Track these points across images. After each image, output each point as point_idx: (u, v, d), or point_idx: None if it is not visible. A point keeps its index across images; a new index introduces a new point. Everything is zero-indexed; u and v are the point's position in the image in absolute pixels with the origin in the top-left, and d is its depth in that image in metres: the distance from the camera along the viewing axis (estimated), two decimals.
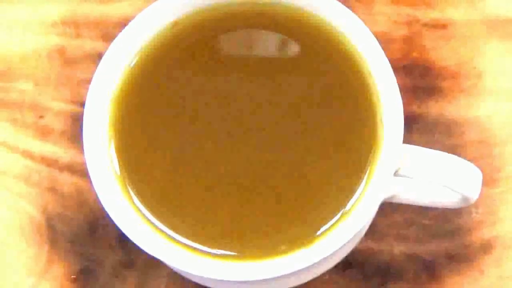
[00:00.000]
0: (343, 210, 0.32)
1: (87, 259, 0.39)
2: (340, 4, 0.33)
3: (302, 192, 0.32)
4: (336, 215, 0.32)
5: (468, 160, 0.34)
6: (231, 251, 0.32)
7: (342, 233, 0.31)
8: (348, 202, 0.32)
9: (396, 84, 0.32)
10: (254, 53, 0.34)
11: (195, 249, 0.32)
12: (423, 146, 0.33)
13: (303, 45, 0.34)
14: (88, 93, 0.33)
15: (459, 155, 0.39)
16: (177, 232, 0.32)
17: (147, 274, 0.39)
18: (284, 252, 0.31)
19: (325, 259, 0.30)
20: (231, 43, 0.34)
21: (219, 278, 0.31)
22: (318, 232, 0.32)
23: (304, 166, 0.32)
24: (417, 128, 0.40)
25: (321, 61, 0.34)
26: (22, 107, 0.41)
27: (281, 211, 0.32)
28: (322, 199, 0.32)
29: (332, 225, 0.32)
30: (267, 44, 0.34)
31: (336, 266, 0.38)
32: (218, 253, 0.32)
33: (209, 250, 0.32)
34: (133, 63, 0.34)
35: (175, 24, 0.34)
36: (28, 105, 0.41)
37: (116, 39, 0.33)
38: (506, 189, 0.39)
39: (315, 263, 0.30)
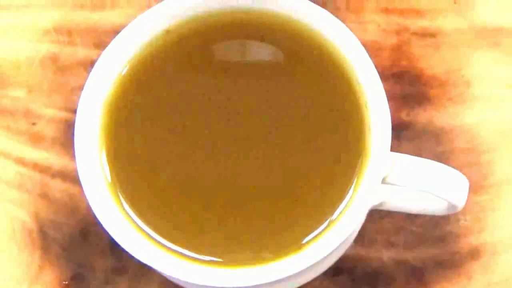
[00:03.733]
0: (330, 218, 0.32)
1: (78, 265, 0.39)
2: (328, 12, 0.33)
3: (289, 201, 0.32)
4: (323, 224, 0.32)
5: (456, 168, 0.34)
6: (217, 257, 0.32)
7: (328, 242, 0.31)
8: (335, 210, 0.32)
9: (384, 92, 0.32)
10: (245, 62, 0.35)
11: (183, 255, 0.32)
12: (411, 153, 0.34)
13: (293, 54, 0.34)
14: (80, 101, 0.33)
15: (447, 162, 0.40)
16: (166, 238, 0.32)
17: (138, 280, 0.39)
18: (270, 259, 0.31)
19: (312, 266, 0.30)
20: (223, 52, 0.35)
21: (204, 284, 0.31)
22: (304, 241, 0.32)
23: (292, 174, 0.33)
24: (405, 136, 0.41)
25: (310, 69, 0.34)
26: (14, 114, 0.42)
27: (268, 219, 0.32)
28: (309, 207, 0.32)
29: (319, 233, 0.32)
30: (258, 52, 0.34)
31: (325, 272, 0.38)
32: (206, 259, 0.32)
33: (196, 256, 0.32)
34: (125, 71, 0.34)
35: (168, 32, 0.34)
36: (20, 112, 0.42)
37: (108, 46, 0.33)
38: (493, 196, 0.40)
39: (301, 271, 0.30)
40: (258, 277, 0.31)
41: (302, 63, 0.34)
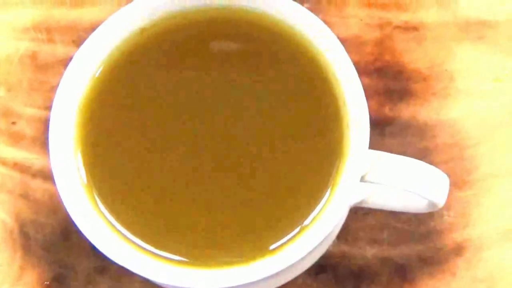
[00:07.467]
0: (303, 221, 0.32)
1: (60, 266, 0.39)
2: (304, 8, 0.33)
3: (262, 202, 0.32)
4: (295, 228, 0.32)
5: (440, 163, 0.34)
6: (186, 257, 0.32)
7: (301, 246, 0.30)
8: (311, 211, 0.32)
9: (362, 88, 0.32)
10: (220, 60, 0.34)
11: (154, 254, 0.32)
12: (395, 148, 0.33)
13: (269, 51, 0.34)
14: (54, 101, 0.32)
15: (431, 157, 0.39)
16: (140, 238, 0.32)
17: (120, 280, 0.39)
18: (237, 263, 0.31)
19: (287, 268, 0.30)
20: (198, 50, 0.34)
21: (170, 283, 0.31)
22: (275, 245, 0.31)
23: (266, 175, 0.32)
24: (389, 131, 0.40)
25: (287, 66, 0.33)
26: None
27: (239, 222, 0.32)
28: (283, 208, 0.32)
29: (291, 238, 0.31)
30: (233, 50, 0.34)
31: (309, 270, 0.38)
32: (175, 258, 0.32)
33: (167, 255, 0.32)
34: (100, 70, 0.34)
35: (142, 30, 0.34)
36: (0, 111, 0.41)
37: (81, 46, 0.33)
38: (477, 192, 0.39)
39: (276, 273, 0.30)
40: (224, 280, 0.30)
41: (278, 60, 0.34)
